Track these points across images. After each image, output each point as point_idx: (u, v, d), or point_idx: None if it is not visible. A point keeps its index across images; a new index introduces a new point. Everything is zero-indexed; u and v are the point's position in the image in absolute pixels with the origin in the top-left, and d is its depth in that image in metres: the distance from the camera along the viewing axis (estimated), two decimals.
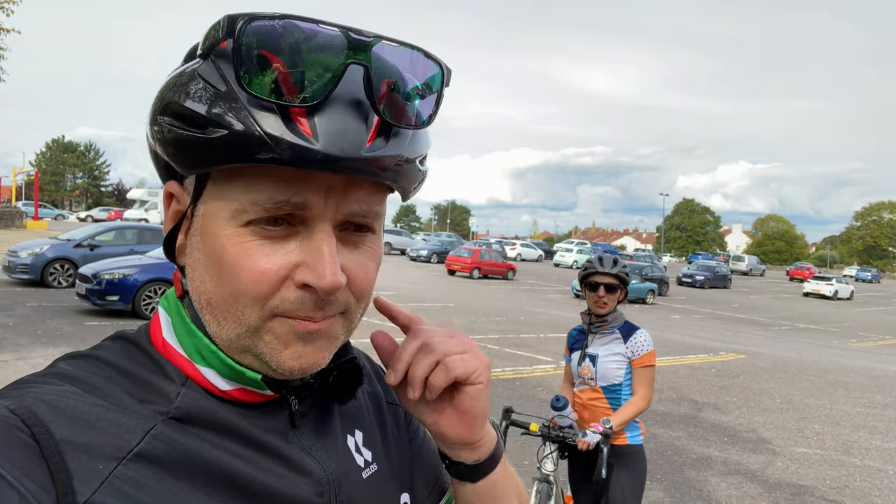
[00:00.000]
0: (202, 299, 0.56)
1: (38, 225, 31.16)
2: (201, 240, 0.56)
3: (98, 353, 0.58)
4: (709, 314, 21.93)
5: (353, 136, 0.51)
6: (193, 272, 0.57)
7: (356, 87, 0.52)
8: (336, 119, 0.51)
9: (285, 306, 0.54)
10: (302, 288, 0.53)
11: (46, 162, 73.99)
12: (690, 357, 11.83)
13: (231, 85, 0.50)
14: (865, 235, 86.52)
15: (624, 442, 2.97)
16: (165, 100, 0.53)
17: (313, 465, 0.60)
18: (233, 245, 0.53)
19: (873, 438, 7.24)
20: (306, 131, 0.49)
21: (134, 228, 14.59)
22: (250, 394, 0.59)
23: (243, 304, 0.53)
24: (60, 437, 0.48)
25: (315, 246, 0.53)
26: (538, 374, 8.93)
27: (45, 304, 10.93)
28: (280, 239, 0.53)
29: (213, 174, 0.54)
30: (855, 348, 16.32)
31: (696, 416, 7.55)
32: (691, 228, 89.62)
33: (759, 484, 5.40)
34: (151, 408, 0.54)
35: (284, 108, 0.49)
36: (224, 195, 0.53)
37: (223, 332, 0.56)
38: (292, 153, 0.49)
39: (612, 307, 3.06)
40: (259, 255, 0.53)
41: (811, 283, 37.08)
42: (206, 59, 0.53)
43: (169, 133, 0.52)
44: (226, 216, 0.53)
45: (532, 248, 47.87)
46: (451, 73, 0.58)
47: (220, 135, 0.49)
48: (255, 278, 0.53)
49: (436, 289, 20.89)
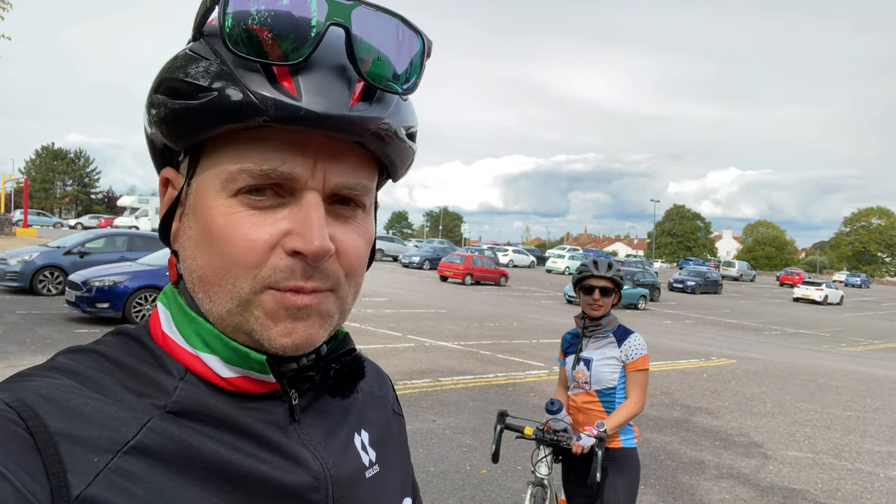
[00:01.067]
0: (194, 277, 0.57)
1: (27, 232, 30.91)
2: (193, 216, 0.57)
3: (97, 348, 0.58)
4: (700, 319, 22.01)
5: (336, 94, 0.52)
6: (186, 251, 0.58)
7: (338, 50, 0.54)
8: (320, 79, 0.52)
9: (276, 276, 0.54)
10: (292, 255, 0.54)
11: (36, 169, 73.37)
12: (682, 362, 11.87)
13: (219, 53, 0.53)
14: (854, 241, 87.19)
15: (618, 445, 2.98)
16: (160, 78, 0.56)
17: (312, 460, 0.60)
18: (223, 216, 0.54)
19: (864, 442, 7.27)
20: (290, 89, 0.51)
21: (124, 236, 14.47)
22: (252, 382, 0.59)
23: (235, 275, 0.54)
24: (55, 429, 0.48)
25: (303, 213, 0.54)
26: (531, 380, 8.93)
27: (35, 311, 10.84)
28: (269, 209, 0.54)
29: (205, 149, 0.56)
30: (845, 353, 16.42)
31: (688, 420, 7.57)
32: (682, 234, 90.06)
33: (752, 488, 5.42)
34: (149, 401, 0.54)
35: (269, 67, 0.51)
36: (215, 166, 0.55)
37: (215, 307, 0.56)
38: (277, 110, 0.50)
39: (607, 310, 3.08)
40: (248, 225, 0.54)
41: (801, 289, 37.31)
42: (198, 39, 0.55)
43: (162, 109, 0.54)
44: (216, 187, 0.55)
45: (524, 254, 47.96)
46: (433, 44, 0.59)
47: (208, 98, 0.52)
48: (245, 246, 0.53)
49: (428, 295, 20.87)
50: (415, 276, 29.42)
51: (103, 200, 76.84)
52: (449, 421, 6.46)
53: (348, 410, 0.68)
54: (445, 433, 6.04)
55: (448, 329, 13.22)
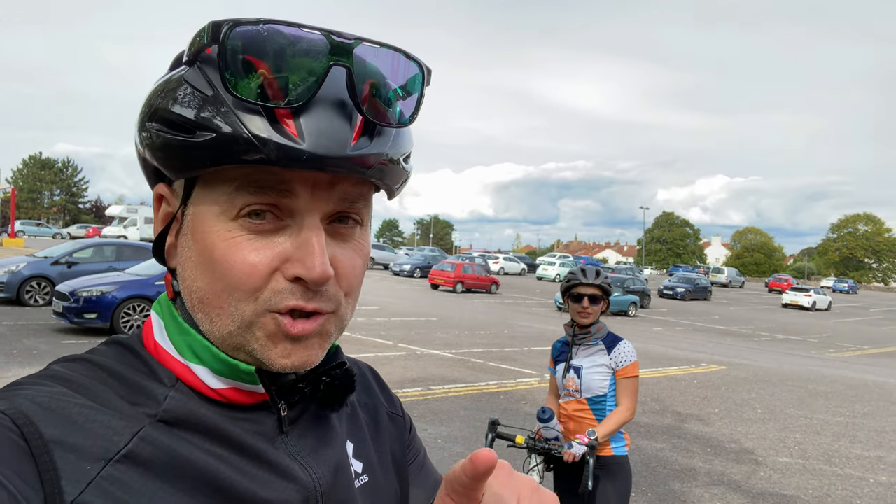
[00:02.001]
0: (194, 298, 0.57)
1: (14, 242, 30.63)
2: (192, 239, 0.57)
3: (91, 357, 0.58)
4: (690, 326, 22.11)
5: (337, 135, 0.52)
6: (185, 272, 0.58)
7: (339, 89, 0.53)
8: (321, 119, 0.52)
9: (276, 299, 0.54)
10: (293, 281, 0.54)
11: (23, 179, 72.75)
12: (673, 369, 11.90)
13: (217, 89, 0.52)
14: (842, 247, 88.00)
15: (609, 453, 2.98)
16: (154, 106, 0.55)
17: (300, 472, 0.60)
18: (223, 241, 0.54)
19: (854, 447, 7.31)
20: (292, 132, 0.51)
21: (112, 245, 14.37)
22: (242, 393, 0.59)
23: (237, 299, 0.55)
24: (50, 437, 0.48)
25: (304, 238, 0.54)
26: (522, 388, 8.92)
27: (21, 322, 10.73)
28: (269, 232, 0.55)
29: (201, 175, 0.56)
30: (834, 358, 16.53)
31: (679, 427, 7.58)
32: (671, 241, 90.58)
33: (743, 494, 5.43)
34: (140, 410, 0.54)
35: (270, 109, 0.51)
36: (213, 194, 0.55)
37: (216, 329, 0.57)
38: (279, 153, 0.50)
39: (596, 318, 3.08)
40: (249, 249, 0.54)
41: (790, 295, 37.60)
42: (193, 65, 0.54)
43: (158, 138, 0.54)
44: (215, 212, 0.55)
45: (515, 261, 48.06)
46: (432, 72, 0.59)
47: (208, 138, 0.51)
48: (246, 271, 0.54)
49: (419, 303, 20.84)
50: (406, 284, 29.39)
51: (91, 210, 76.30)
52: (440, 430, 6.44)
53: (338, 422, 0.68)
54: (437, 442, 6.02)
55: (439, 337, 13.20)
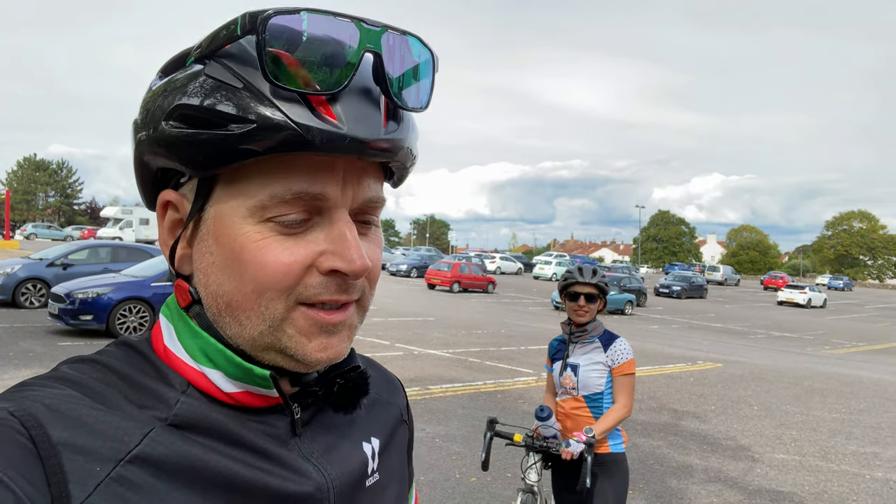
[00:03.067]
0: (220, 302, 0.56)
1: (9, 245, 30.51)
2: (215, 242, 0.56)
3: (101, 358, 0.58)
4: (686, 324, 22.15)
5: (371, 119, 0.54)
6: (207, 277, 0.57)
7: (368, 75, 0.55)
8: (355, 105, 0.53)
9: (309, 292, 0.55)
10: (328, 274, 0.55)
11: (18, 181, 72.45)
12: (669, 366, 11.93)
13: (247, 81, 0.51)
14: (836, 244, 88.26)
15: (606, 450, 2.99)
16: (169, 104, 0.53)
17: (313, 472, 0.60)
18: (253, 242, 0.54)
19: (849, 444, 7.34)
20: (332, 117, 0.52)
21: (108, 247, 14.32)
22: (255, 397, 0.59)
23: (269, 298, 0.54)
24: (58, 439, 0.48)
25: (338, 232, 0.55)
26: (520, 387, 8.93)
27: (17, 324, 10.69)
28: (300, 231, 0.55)
29: (221, 175, 0.55)
30: (829, 355, 16.58)
31: (675, 424, 7.61)
32: (667, 239, 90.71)
33: (740, 491, 5.45)
34: (150, 413, 0.54)
35: (307, 97, 0.52)
36: (239, 193, 0.54)
37: (245, 331, 0.56)
38: (323, 139, 0.51)
39: (592, 316, 3.10)
40: (281, 250, 0.54)
41: (785, 292, 37.70)
42: (209, 60, 0.54)
43: (181, 136, 0.53)
44: (243, 214, 0.54)
45: (511, 261, 48.08)
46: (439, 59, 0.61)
47: (246, 129, 0.50)
48: (281, 271, 0.54)
49: (416, 303, 20.83)
50: (402, 284, 29.38)
51: (86, 211, 76.03)
52: (438, 429, 6.45)
53: (352, 423, 0.68)
54: (435, 441, 6.03)
55: (436, 337, 13.20)
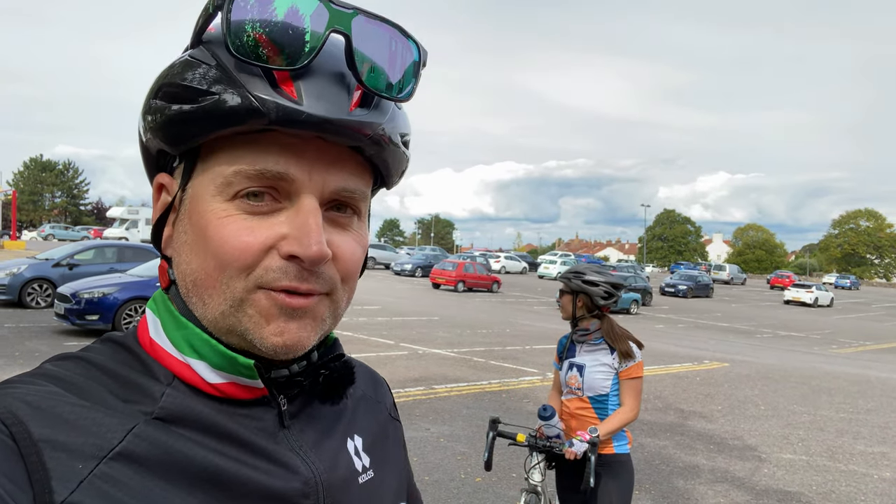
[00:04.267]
0: (188, 281, 0.57)
1: (15, 245, 30.66)
2: (188, 221, 0.57)
3: (84, 355, 0.58)
4: (692, 323, 22.10)
5: (336, 99, 0.54)
6: (179, 256, 0.58)
7: (338, 57, 0.55)
8: (320, 84, 0.53)
9: (269, 276, 0.54)
10: (287, 259, 0.54)
11: (24, 181, 72.89)
12: (675, 366, 11.89)
13: (220, 58, 0.53)
14: (843, 243, 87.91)
15: (611, 451, 2.97)
16: (157, 84, 0.56)
17: (301, 466, 0.60)
18: (217, 219, 0.54)
19: (857, 443, 7.30)
20: (291, 93, 0.52)
21: (113, 247, 14.38)
22: (240, 388, 0.58)
23: (228, 276, 0.54)
24: (39, 436, 0.48)
25: (301, 218, 0.54)
26: (525, 386, 8.92)
27: (23, 324, 10.74)
28: (266, 213, 0.55)
29: (201, 154, 0.56)
30: (836, 354, 16.52)
31: (682, 424, 7.57)
32: (673, 238, 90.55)
33: (747, 491, 5.42)
34: (135, 408, 0.54)
35: (270, 72, 0.52)
36: (210, 171, 0.55)
37: (209, 310, 0.56)
38: (279, 113, 0.51)
39: (568, 314, 3.11)
40: (243, 227, 0.54)
41: (791, 291, 37.59)
42: (197, 45, 0.56)
43: (161, 113, 0.55)
44: (212, 192, 0.55)
45: (516, 260, 48.05)
46: (428, 54, 0.60)
47: (209, 101, 0.52)
48: (239, 247, 0.54)
49: (420, 302, 20.84)
50: (407, 283, 29.40)
51: (92, 212, 76.43)
52: (443, 429, 6.44)
53: (340, 416, 0.68)
54: (440, 441, 6.02)
55: (441, 336, 13.19)
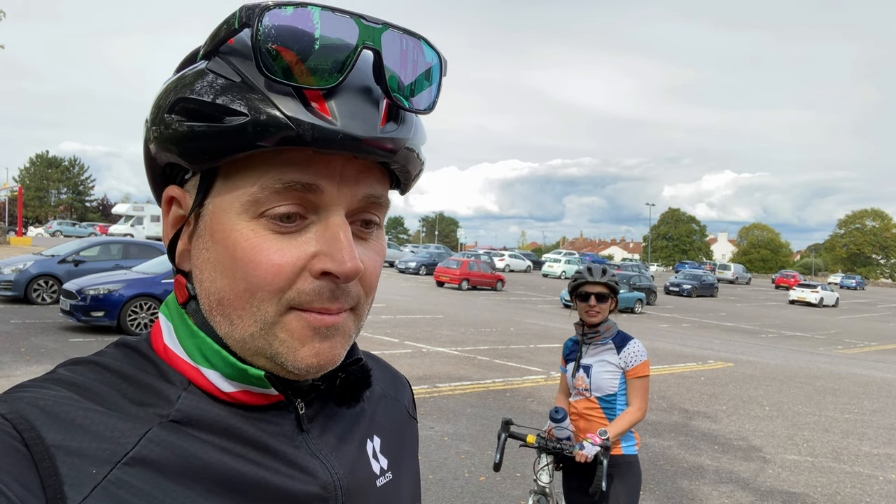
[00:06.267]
0: (212, 300, 0.56)
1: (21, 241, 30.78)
2: (211, 238, 0.56)
3: (98, 359, 0.57)
4: (696, 323, 22.04)
5: (368, 117, 0.53)
6: (202, 273, 0.57)
7: (367, 73, 0.54)
8: (351, 102, 0.52)
9: (301, 298, 0.53)
10: (320, 277, 0.54)
11: (30, 177, 73.10)
12: (679, 366, 11.87)
13: (245, 75, 0.52)
14: (849, 243, 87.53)
15: (619, 452, 2.96)
16: (173, 98, 0.54)
17: (320, 469, 0.59)
18: (246, 240, 0.53)
19: (862, 445, 7.27)
20: (325, 113, 0.51)
21: (119, 243, 14.41)
22: (254, 396, 0.58)
23: (260, 299, 0.53)
24: (52, 441, 0.47)
25: (331, 233, 0.54)
26: (529, 385, 8.91)
27: (29, 320, 10.78)
28: (294, 233, 0.54)
29: (221, 170, 0.55)
30: (841, 355, 16.45)
31: (686, 424, 7.56)
32: (677, 238, 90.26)
33: (751, 492, 5.40)
34: (150, 411, 0.53)
35: (301, 92, 0.51)
36: (235, 188, 0.54)
37: (236, 331, 0.55)
38: (314, 133, 0.50)
39: (604, 316, 3.07)
40: (274, 249, 0.53)
41: (797, 291, 37.44)
42: (213, 56, 0.54)
43: (180, 129, 0.53)
44: (237, 210, 0.54)
45: (520, 258, 47.97)
46: (448, 63, 0.60)
47: (240, 122, 0.50)
48: (272, 271, 0.53)
49: (425, 300, 20.84)
50: (411, 281, 29.40)
51: (98, 208, 76.65)
52: (447, 428, 6.44)
53: (358, 418, 0.67)
54: (444, 440, 6.02)
55: (445, 334, 13.19)
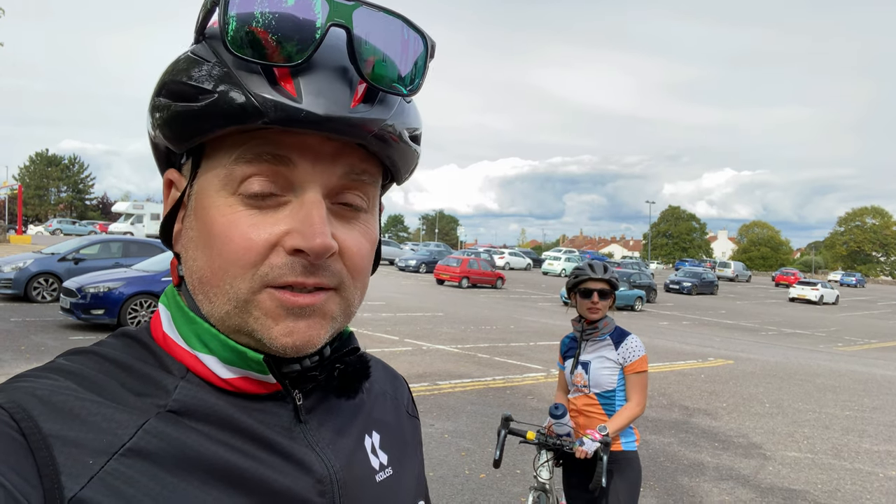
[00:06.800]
0: (195, 278, 0.56)
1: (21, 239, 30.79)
2: (195, 217, 0.56)
3: (97, 349, 0.57)
4: (697, 320, 22.04)
5: (336, 96, 0.52)
6: (187, 252, 0.57)
7: (340, 52, 0.53)
8: (320, 80, 0.52)
9: (274, 273, 0.53)
10: (292, 254, 0.53)
11: (30, 176, 73.07)
12: (680, 363, 11.87)
13: (220, 55, 0.52)
14: (849, 241, 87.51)
15: (619, 448, 2.96)
16: (162, 81, 0.55)
17: (316, 462, 0.59)
18: (223, 215, 0.54)
19: (863, 442, 7.28)
20: (291, 91, 0.51)
21: (119, 241, 14.42)
22: (253, 383, 0.58)
23: (233, 276, 0.53)
24: (49, 431, 0.47)
25: (304, 211, 0.53)
26: (529, 383, 8.91)
27: (29, 318, 10.78)
28: (270, 208, 0.54)
29: (206, 150, 0.56)
30: (841, 352, 16.46)
31: (686, 421, 7.56)
32: (677, 235, 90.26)
33: (752, 489, 5.41)
34: (148, 401, 0.53)
35: (269, 69, 0.51)
36: (214, 166, 0.55)
37: (215, 309, 0.55)
38: (277, 112, 0.50)
39: (605, 313, 3.06)
40: (247, 224, 0.53)
41: (797, 289, 37.42)
42: (199, 41, 0.55)
43: (165, 111, 0.54)
44: (216, 187, 0.54)
45: (520, 256, 47.95)
46: (436, 46, 0.59)
47: (209, 100, 0.51)
48: (244, 245, 0.53)
49: (425, 298, 20.85)
50: (411, 279, 29.40)
51: (98, 206, 76.65)
52: (447, 425, 6.44)
53: (357, 411, 0.67)
54: (444, 437, 6.02)
55: (445, 332, 13.20)
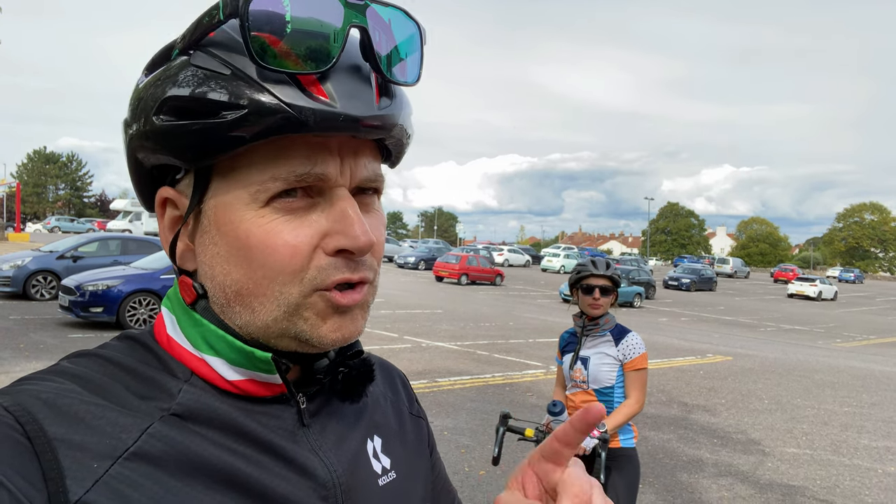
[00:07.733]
0: (229, 292, 0.55)
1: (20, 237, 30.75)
2: (218, 232, 0.55)
3: (101, 352, 0.57)
4: (695, 316, 22.07)
5: (364, 95, 0.53)
6: (213, 269, 0.56)
7: (355, 51, 0.54)
8: (346, 82, 0.52)
9: (321, 276, 0.54)
10: (334, 255, 0.54)
11: (28, 173, 72.98)
12: (678, 359, 11.89)
13: (234, 66, 0.51)
14: (848, 237, 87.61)
15: (617, 445, 2.96)
16: (158, 98, 0.52)
17: (319, 467, 0.59)
18: (258, 227, 0.53)
19: (861, 437, 7.29)
20: (323, 96, 0.51)
21: (117, 239, 14.40)
22: (259, 385, 0.58)
23: (282, 283, 0.54)
24: (54, 434, 0.47)
25: (339, 210, 0.54)
26: (528, 380, 8.92)
27: (28, 316, 10.77)
28: (302, 210, 0.54)
29: (217, 166, 0.54)
30: (840, 348, 16.49)
31: (685, 418, 7.57)
32: (676, 232, 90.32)
33: (751, 485, 5.42)
34: (153, 404, 0.53)
35: (296, 77, 0.50)
36: (239, 180, 0.54)
37: (258, 318, 0.55)
38: (317, 118, 0.50)
39: (606, 309, 3.07)
40: (287, 231, 0.53)
41: (795, 285, 37.43)
42: (194, 51, 0.53)
43: (172, 129, 0.52)
44: (245, 200, 0.53)
45: (519, 253, 47.94)
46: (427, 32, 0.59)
47: (238, 115, 0.50)
48: (289, 252, 0.53)
49: (424, 295, 20.86)
50: (410, 276, 29.41)
51: (96, 204, 76.54)
52: (447, 422, 6.44)
53: (360, 415, 0.67)
54: (444, 434, 6.02)
55: (444, 329, 13.20)
